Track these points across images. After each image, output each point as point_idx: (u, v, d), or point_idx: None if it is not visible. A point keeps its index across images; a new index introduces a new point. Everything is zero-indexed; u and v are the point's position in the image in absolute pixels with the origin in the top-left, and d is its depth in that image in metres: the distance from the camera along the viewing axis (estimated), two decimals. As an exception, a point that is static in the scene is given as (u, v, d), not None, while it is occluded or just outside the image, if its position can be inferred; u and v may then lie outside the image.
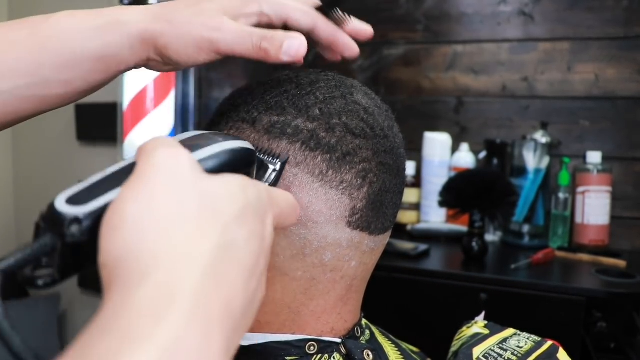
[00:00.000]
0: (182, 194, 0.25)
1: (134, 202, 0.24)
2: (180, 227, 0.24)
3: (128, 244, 0.23)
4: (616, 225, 1.28)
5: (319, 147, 0.40)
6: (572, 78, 1.35)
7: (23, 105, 0.40)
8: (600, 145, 1.31)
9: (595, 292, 0.97)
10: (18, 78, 0.39)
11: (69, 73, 0.40)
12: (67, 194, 0.28)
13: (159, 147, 0.27)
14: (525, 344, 0.49)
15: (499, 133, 1.41)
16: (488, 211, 1.10)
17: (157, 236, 0.23)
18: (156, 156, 0.26)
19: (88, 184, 0.29)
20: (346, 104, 0.42)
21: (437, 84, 1.48)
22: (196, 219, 0.24)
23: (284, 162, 0.40)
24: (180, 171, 0.26)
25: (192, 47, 0.39)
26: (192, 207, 0.24)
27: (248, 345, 0.43)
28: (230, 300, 0.23)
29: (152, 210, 0.24)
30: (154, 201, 0.24)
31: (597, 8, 1.32)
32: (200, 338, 0.21)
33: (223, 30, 0.39)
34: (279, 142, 0.40)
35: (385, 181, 0.42)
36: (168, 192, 0.25)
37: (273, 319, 0.43)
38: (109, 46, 0.40)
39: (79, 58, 0.40)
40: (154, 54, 0.41)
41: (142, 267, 0.22)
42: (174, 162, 0.26)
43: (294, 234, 0.40)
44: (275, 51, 0.38)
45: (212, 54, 0.40)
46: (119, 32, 0.40)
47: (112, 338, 0.20)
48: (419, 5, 1.48)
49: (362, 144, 0.41)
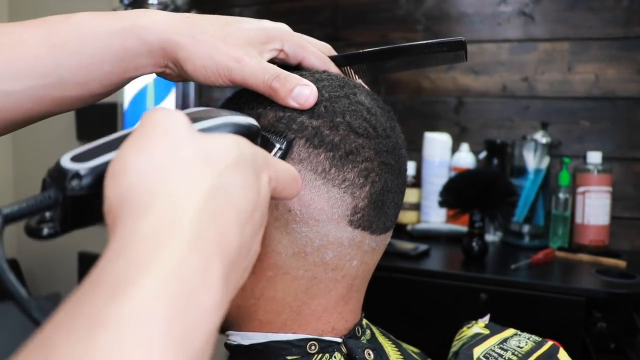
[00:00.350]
0: (178, 145, 0.26)
1: (133, 153, 0.26)
2: (178, 170, 0.25)
3: (129, 186, 0.24)
4: (616, 226, 1.28)
5: (322, 144, 0.40)
6: (572, 78, 1.35)
7: (36, 107, 0.40)
8: (601, 145, 1.31)
9: (595, 292, 0.97)
10: (33, 78, 0.39)
11: (85, 75, 0.40)
12: (72, 153, 0.30)
13: (158, 111, 0.28)
14: (526, 344, 0.50)
15: (499, 133, 1.41)
16: (488, 211, 1.11)
17: (156, 178, 0.25)
18: (155, 116, 0.28)
19: (92, 146, 0.31)
20: (350, 104, 0.42)
21: (437, 84, 1.48)
22: (191, 164, 0.26)
23: (290, 142, 0.40)
24: (177, 128, 0.27)
25: (210, 70, 0.41)
26: (188, 155, 0.26)
27: (249, 344, 0.43)
28: (225, 235, 0.24)
29: (150, 158, 0.25)
30: (153, 150, 0.26)
31: (597, 8, 1.32)
32: (201, 261, 0.22)
33: (242, 63, 0.40)
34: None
35: (387, 181, 0.42)
36: (165, 143, 0.26)
37: (274, 318, 0.43)
38: (128, 50, 0.40)
39: (98, 60, 0.40)
40: (172, 64, 0.41)
41: (143, 204, 0.24)
42: (171, 121, 0.27)
43: (296, 232, 0.41)
44: (285, 94, 0.40)
45: (228, 82, 0.41)
46: (139, 37, 0.40)
47: (120, 265, 0.21)
48: (419, 5, 1.48)
49: (365, 143, 0.41)
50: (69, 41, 0.39)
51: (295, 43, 0.44)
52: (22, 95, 0.39)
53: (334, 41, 1.58)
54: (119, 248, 0.22)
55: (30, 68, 0.39)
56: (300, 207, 0.40)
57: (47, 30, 0.39)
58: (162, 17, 0.41)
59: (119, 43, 0.40)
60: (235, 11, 1.71)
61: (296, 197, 0.37)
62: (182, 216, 0.23)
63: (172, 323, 0.20)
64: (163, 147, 0.26)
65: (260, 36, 0.42)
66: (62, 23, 0.40)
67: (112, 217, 0.25)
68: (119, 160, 0.26)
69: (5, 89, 0.38)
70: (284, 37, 0.44)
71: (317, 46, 0.47)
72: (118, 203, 0.24)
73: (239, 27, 0.42)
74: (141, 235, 0.22)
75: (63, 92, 0.40)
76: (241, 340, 0.44)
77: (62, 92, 0.40)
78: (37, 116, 0.41)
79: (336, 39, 1.58)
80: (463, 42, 0.46)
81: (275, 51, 0.44)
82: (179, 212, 0.23)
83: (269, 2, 1.68)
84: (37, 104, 0.40)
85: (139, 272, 0.20)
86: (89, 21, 0.40)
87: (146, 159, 0.25)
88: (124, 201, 0.24)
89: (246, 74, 0.40)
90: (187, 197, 0.24)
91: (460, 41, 0.46)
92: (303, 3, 1.62)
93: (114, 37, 0.40)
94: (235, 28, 0.42)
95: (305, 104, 0.40)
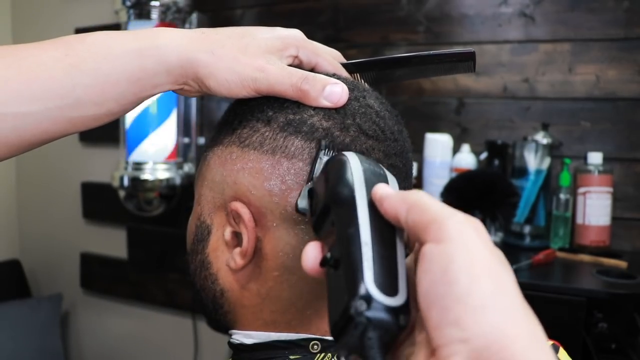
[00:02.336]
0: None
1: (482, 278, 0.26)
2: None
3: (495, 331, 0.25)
4: (617, 226, 1.28)
5: (333, 145, 0.40)
6: (573, 79, 1.36)
7: (52, 127, 0.40)
8: (601, 146, 1.32)
9: (596, 293, 0.97)
10: (50, 99, 0.39)
11: (102, 95, 0.40)
12: (370, 278, 0.27)
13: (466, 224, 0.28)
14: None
15: (499, 134, 1.41)
16: (489, 212, 1.11)
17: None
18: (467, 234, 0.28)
19: (378, 261, 0.28)
20: (360, 106, 0.43)
21: (438, 85, 1.49)
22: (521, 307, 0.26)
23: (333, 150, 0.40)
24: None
25: (234, 83, 0.41)
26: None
27: (252, 343, 0.44)
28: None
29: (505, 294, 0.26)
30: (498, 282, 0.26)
31: (598, 9, 1.32)
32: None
33: (266, 71, 0.41)
34: (294, 139, 0.41)
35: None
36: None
37: (279, 318, 0.44)
38: (145, 70, 0.40)
39: (114, 81, 0.40)
40: (191, 81, 0.41)
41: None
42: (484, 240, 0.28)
43: (304, 233, 0.41)
44: (316, 94, 0.40)
45: (253, 92, 0.41)
46: (156, 57, 0.40)
47: None
48: (420, 6, 1.49)
49: (375, 145, 0.42)
50: (84, 61, 0.39)
51: (309, 49, 0.45)
52: (40, 116, 0.39)
53: (335, 42, 1.58)
54: None
55: (47, 89, 0.39)
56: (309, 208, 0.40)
57: (64, 51, 0.39)
58: (179, 36, 0.41)
59: (136, 63, 0.40)
60: (237, 13, 1.72)
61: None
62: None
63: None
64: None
65: (277, 44, 0.43)
66: (78, 43, 0.40)
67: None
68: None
69: (23, 111, 0.38)
70: (299, 44, 0.44)
71: (328, 53, 0.48)
72: (482, 343, 0.24)
73: (256, 37, 0.42)
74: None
75: (80, 112, 0.40)
76: (244, 339, 0.44)
77: (79, 112, 0.40)
78: (53, 136, 0.41)
79: (337, 41, 1.58)
80: (473, 54, 0.46)
81: (291, 58, 0.44)
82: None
83: (270, 4, 1.68)
84: (53, 124, 0.40)
85: None
86: (105, 41, 0.40)
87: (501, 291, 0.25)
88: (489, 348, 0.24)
89: (272, 81, 0.41)
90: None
91: (470, 52, 0.46)
92: (304, 4, 1.63)
93: (131, 57, 0.40)
94: (252, 38, 0.42)
95: (339, 102, 0.41)
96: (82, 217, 2.00)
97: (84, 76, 0.39)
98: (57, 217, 2.09)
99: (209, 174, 0.45)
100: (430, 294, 0.26)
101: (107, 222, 1.96)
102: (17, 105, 0.38)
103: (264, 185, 0.41)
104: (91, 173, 1.97)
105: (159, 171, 1.56)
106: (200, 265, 0.46)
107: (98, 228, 2.00)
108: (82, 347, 2.09)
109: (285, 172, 0.41)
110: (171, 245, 1.80)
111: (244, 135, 0.43)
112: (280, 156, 0.41)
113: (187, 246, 0.49)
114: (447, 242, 0.26)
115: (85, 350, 2.08)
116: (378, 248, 0.28)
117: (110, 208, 1.84)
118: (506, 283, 0.26)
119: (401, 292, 0.27)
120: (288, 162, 0.41)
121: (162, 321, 1.89)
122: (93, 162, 1.97)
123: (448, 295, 0.25)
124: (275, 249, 0.42)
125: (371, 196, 0.30)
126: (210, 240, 0.45)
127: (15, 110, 0.38)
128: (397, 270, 0.28)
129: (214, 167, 0.45)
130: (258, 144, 0.42)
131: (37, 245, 2.15)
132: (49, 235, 2.11)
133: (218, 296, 0.46)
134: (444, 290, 0.25)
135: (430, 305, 0.25)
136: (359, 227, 0.28)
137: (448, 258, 0.25)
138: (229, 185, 0.43)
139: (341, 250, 0.29)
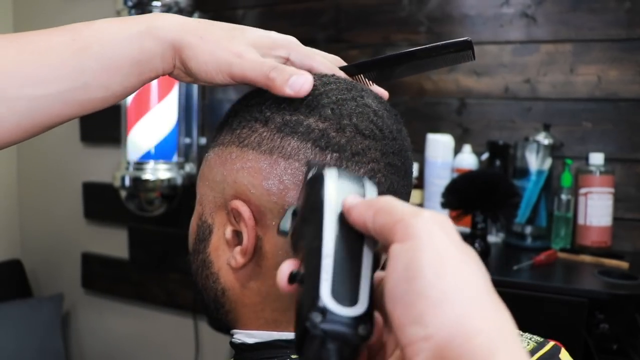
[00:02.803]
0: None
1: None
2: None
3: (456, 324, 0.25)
4: (618, 227, 1.28)
5: (328, 146, 0.41)
6: (575, 79, 1.35)
7: (65, 109, 0.42)
8: (603, 146, 1.31)
9: (598, 294, 0.97)
10: (62, 82, 0.41)
11: (107, 78, 0.42)
12: (327, 290, 0.27)
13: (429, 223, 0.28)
14: (528, 344, 0.50)
15: (501, 134, 1.41)
16: (490, 212, 1.11)
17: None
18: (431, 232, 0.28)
19: (338, 271, 0.28)
20: (357, 106, 0.43)
21: (439, 86, 1.49)
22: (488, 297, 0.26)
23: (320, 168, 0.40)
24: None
25: (212, 66, 0.42)
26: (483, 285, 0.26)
27: (254, 342, 0.44)
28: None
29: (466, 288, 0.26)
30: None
31: (600, 10, 1.32)
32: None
33: (243, 58, 0.42)
34: (290, 140, 0.41)
35: (393, 182, 0.43)
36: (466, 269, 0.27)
37: (280, 317, 0.44)
38: (145, 52, 0.42)
39: (118, 63, 0.42)
40: (179, 63, 0.43)
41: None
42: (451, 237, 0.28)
43: None
44: (281, 82, 0.41)
45: (227, 77, 0.42)
46: (154, 37, 0.42)
47: None
48: (422, 7, 1.49)
49: (371, 144, 0.42)
50: (91, 46, 0.41)
51: (302, 53, 0.45)
52: (53, 99, 0.41)
53: (337, 43, 1.58)
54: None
55: (58, 73, 0.41)
56: None
57: (71, 36, 0.42)
58: (176, 19, 0.43)
59: (137, 45, 0.42)
60: (239, 13, 1.72)
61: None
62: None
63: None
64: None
65: (265, 41, 0.44)
66: (84, 29, 0.42)
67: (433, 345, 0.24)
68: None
69: (37, 94, 0.41)
70: (290, 47, 0.45)
71: (326, 57, 0.48)
72: (444, 337, 0.23)
73: (246, 32, 0.44)
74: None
75: (88, 94, 0.42)
76: (246, 339, 0.44)
77: (88, 94, 0.42)
78: (65, 118, 0.43)
79: (339, 41, 1.59)
80: (469, 42, 0.46)
81: (281, 59, 0.45)
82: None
83: (271, 4, 1.68)
84: (65, 107, 0.42)
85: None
86: (109, 27, 0.42)
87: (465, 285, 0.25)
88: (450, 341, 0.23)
89: (245, 68, 0.42)
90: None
91: (467, 41, 0.46)
92: (306, 5, 1.63)
93: (132, 40, 0.42)
94: (242, 32, 0.44)
95: (300, 90, 0.41)
96: (84, 217, 2.00)
97: (90, 60, 0.41)
98: (58, 217, 2.09)
99: (210, 174, 0.46)
100: (394, 292, 0.25)
101: (108, 222, 1.96)
102: (32, 88, 0.40)
103: (262, 185, 0.41)
104: (92, 173, 1.97)
105: (160, 171, 1.56)
106: (202, 265, 0.46)
107: (99, 228, 2.00)
108: (83, 347, 2.09)
109: (282, 172, 0.41)
110: (172, 245, 1.80)
111: (243, 135, 0.43)
112: (278, 156, 0.41)
113: (189, 246, 0.50)
114: (412, 240, 0.26)
115: (86, 350, 2.08)
116: (341, 260, 0.28)
117: (112, 208, 1.85)
118: (472, 276, 0.25)
119: (362, 301, 0.27)
120: (285, 162, 0.41)
121: (163, 321, 1.89)
122: (94, 162, 1.98)
123: (411, 291, 0.24)
124: (275, 247, 0.42)
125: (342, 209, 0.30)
126: (211, 239, 0.46)
127: (30, 92, 0.40)
128: (360, 279, 0.28)
129: (214, 167, 0.45)
130: (256, 144, 0.42)
131: (39, 245, 2.15)
132: (50, 235, 2.12)
133: (219, 295, 0.46)
134: (407, 286, 0.25)
135: (394, 304, 0.25)
136: (322, 240, 0.28)
137: (412, 254, 0.25)
138: (229, 185, 0.43)
139: (305, 264, 0.29)
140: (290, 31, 0.47)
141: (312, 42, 0.48)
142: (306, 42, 0.47)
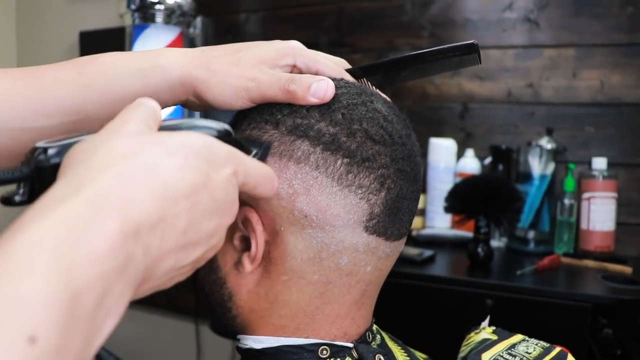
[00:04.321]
0: (128, 136, 0.29)
1: (98, 135, 0.30)
2: (114, 147, 0.28)
3: (76, 154, 0.29)
4: (622, 232, 1.28)
5: (339, 150, 0.41)
6: (577, 84, 1.36)
7: None
8: (606, 151, 1.32)
9: (601, 299, 0.97)
10: (65, 115, 0.43)
11: (110, 112, 0.42)
12: (50, 139, 0.33)
13: (135, 106, 0.32)
14: (534, 350, 0.50)
15: (504, 139, 1.41)
16: (493, 217, 1.11)
17: (93, 150, 0.28)
18: (127, 110, 0.32)
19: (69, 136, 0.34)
20: (367, 111, 0.43)
21: (442, 90, 1.49)
22: (129, 145, 0.28)
23: (267, 147, 0.41)
24: (140, 119, 0.31)
25: (229, 95, 0.43)
26: (135, 139, 0.29)
27: (261, 348, 0.44)
28: (135, 201, 0.26)
29: (102, 143, 0.29)
30: (107, 138, 0.29)
31: (602, 15, 1.32)
32: (94, 214, 0.25)
33: (257, 80, 0.42)
34: (301, 143, 0.41)
35: (403, 188, 0.43)
36: (123, 130, 0.30)
37: (288, 323, 0.44)
38: (149, 87, 0.43)
39: (121, 98, 0.43)
40: (192, 96, 0.44)
41: (71, 168, 0.28)
42: (137, 114, 0.31)
43: (312, 237, 0.41)
44: (303, 93, 0.41)
45: (247, 102, 0.43)
46: (159, 76, 0.43)
47: (26, 215, 0.25)
48: (425, 11, 1.49)
49: (381, 150, 0.42)
50: (95, 81, 0.43)
51: (308, 57, 0.46)
52: (55, 130, 0.43)
53: (339, 47, 1.59)
54: (37, 202, 0.25)
55: (62, 106, 0.42)
56: (317, 213, 0.40)
57: (76, 71, 0.43)
58: (179, 55, 0.44)
59: (141, 82, 0.43)
60: (241, 17, 1.72)
61: (272, 194, 0.38)
62: (91, 179, 0.26)
63: (57, 256, 0.23)
64: (120, 132, 0.29)
65: (272, 55, 0.44)
66: (89, 64, 0.44)
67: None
68: (86, 140, 0.29)
69: (40, 126, 0.42)
70: (296, 53, 0.45)
71: (332, 60, 0.48)
72: (62, 169, 0.28)
73: (250, 51, 0.44)
74: (53, 193, 0.26)
75: (90, 125, 0.43)
76: (253, 344, 0.44)
77: (89, 125, 0.43)
78: None
79: (341, 45, 1.59)
80: (475, 45, 0.46)
81: (289, 67, 0.45)
82: (90, 176, 0.26)
83: (274, 8, 1.68)
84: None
85: (33, 219, 0.24)
86: (113, 62, 0.44)
87: (99, 143, 0.28)
88: (65, 166, 0.28)
89: (262, 88, 0.42)
90: (102, 165, 0.27)
91: (473, 44, 0.46)
92: (309, 9, 1.63)
93: (136, 76, 0.43)
94: (246, 52, 0.44)
95: (325, 97, 0.41)
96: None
97: (94, 94, 0.43)
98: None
99: None
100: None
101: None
102: (37, 120, 0.42)
103: None
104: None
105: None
106: (209, 269, 0.46)
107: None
108: (85, 351, 2.08)
109: (292, 176, 0.41)
110: (174, 248, 1.79)
111: (253, 138, 0.43)
112: (288, 160, 0.41)
113: None
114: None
115: (87, 353, 2.08)
116: None
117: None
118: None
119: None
120: (295, 166, 0.41)
121: (164, 325, 1.89)
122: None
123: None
124: (284, 253, 0.42)
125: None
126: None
127: (32, 125, 0.42)
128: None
129: None
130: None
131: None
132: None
133: (226, 300, 0.46)
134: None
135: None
136: None
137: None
138: None
139: None
140: (293, 35, 0.47)
141: (315, 46, 0.48)
142: (309, 46, 0.47)
